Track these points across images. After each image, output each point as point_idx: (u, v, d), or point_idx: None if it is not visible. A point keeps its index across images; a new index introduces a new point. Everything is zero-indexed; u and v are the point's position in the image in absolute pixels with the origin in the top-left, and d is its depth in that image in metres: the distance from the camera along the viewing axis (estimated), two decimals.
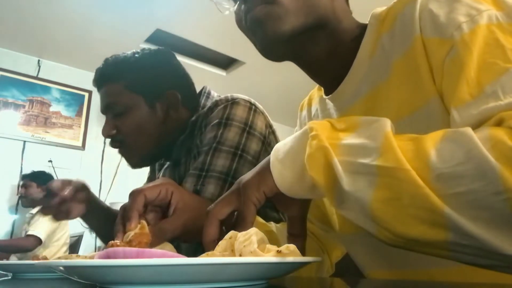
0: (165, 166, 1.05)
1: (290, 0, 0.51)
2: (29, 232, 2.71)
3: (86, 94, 3.73)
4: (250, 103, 0.89)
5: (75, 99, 3.68)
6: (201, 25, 2.95)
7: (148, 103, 0.91)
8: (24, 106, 3.42)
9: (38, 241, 2.71)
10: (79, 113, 3.68)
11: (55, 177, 3.22)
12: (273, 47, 0.54)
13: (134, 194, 0.53)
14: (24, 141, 3.36)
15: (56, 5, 2.76)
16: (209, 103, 0.93)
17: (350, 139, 0.37)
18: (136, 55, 0.94)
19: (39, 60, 3.52)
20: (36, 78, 3.50)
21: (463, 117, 0.40)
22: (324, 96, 0.63)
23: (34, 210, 2.89)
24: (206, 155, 0.82)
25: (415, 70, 0.47)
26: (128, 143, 0.92)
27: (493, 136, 0.32)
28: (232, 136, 0.83)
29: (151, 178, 1.14)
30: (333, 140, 0.37)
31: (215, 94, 1.00)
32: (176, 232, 0.54)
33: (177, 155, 0.97)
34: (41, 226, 2.74)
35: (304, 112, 0.74)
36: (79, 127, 3.66)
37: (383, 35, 0.53)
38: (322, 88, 0.65)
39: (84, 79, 3.72)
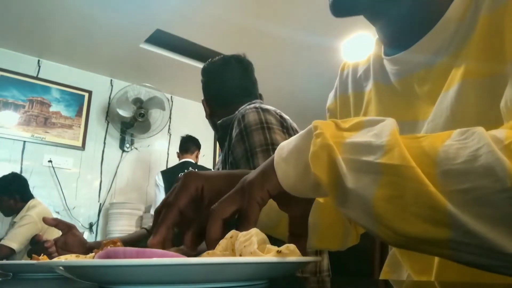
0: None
1: None
2: (2, 242, 2.71)
3: (86, 94, 3.73)
4: (255, 107, 1.02)
5: (75, 99, 3.68)
6: (201, 25, 2.95)
7: None
8: (24, 106, 3.41)
9: (10, 251, 2.69)
10: (79, 113, 3.68)
11: (55, 176, 3.22)
12: (347, 14, 0.55)
13: (168, 206, 0.47)
14: (24, 141, 3.36)
15: (56, 5, 2.76)
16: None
17: (354, 138, 0.37)
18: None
19: (39, 60, 3.52)
20: (36, 78, 3.49)
21: None
22: (383, 56, 0.59)
23: (16, 218, 2.82)
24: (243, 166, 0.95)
25: (500, 30, 0.45)
26: None
27: (508, 136, 0.31)
28: (258, 139, 0.95)
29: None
30: (338, 139, 0.37)
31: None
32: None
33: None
34: (15, 236, 2.72)
35: (347, 72, 0.71)
36: (79, 127, 3.66)
37: None
38: (381, 48, 0.61)
39: (84, 79, 3.72)
